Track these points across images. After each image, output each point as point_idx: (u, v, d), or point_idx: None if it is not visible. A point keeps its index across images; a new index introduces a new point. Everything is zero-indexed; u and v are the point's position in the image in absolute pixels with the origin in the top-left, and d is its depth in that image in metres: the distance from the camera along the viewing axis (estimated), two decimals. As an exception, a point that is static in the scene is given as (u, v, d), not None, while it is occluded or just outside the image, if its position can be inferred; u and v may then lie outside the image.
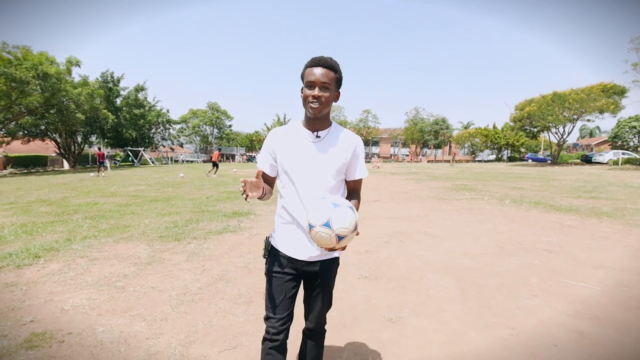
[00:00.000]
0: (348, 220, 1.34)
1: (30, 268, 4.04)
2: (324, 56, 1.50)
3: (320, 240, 1.35)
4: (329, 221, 1.32)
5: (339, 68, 1.53)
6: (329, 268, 1.65)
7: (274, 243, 1.65)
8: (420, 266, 4.08)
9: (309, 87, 1.47)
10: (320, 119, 1.53)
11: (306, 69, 1.50)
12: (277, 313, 1.61)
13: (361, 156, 1.64)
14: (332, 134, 1.58)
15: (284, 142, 1.58)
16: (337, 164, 1.56)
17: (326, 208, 1.35)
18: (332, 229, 1.32)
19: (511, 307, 3.00)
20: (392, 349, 2.39)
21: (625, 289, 3.36)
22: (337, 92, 1.55)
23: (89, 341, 2.49)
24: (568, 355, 2.29)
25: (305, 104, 1.49)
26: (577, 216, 6.92)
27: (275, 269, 1.62)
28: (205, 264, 4.16)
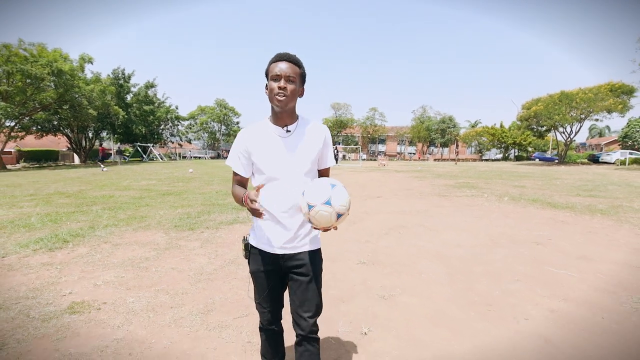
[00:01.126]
0: (345, 198, 1.43)
1: (61, 251, 4.47)
2: (288, 52, 1.55)
3: (320, 219, 1.40)
4: (330, 199, 1.39)
5: (302, 64, 1.57)
6: (313, 260, 1.66)
7: (253, 242, 1.69)
8: (415, 255, 4.43)
9: (274, 80, 1.50)
10: (287, 112, 1.56)
11: (270, 64, 1.53)
12: (266, 309, 1.71)
13: (330, 145, 1.70)
14: (300, 126, 1.61)
15: (255, 141, 1.59)
16: (310, 155, 1.60)
17: (325, 188, 1.42)
18: (332, 206, 1.39)
19: (493, 289, 3.35)
20: (384, 321, 2.75)
21: (601, 276, 3.68)
22: (301, 88, 1.59)
23: (122, 309, 2.89)
24: (537, 325, 2.63)
25: (272, 97, 1.51)
26: (571, 213, 7.20)
27: (258, 267, 1.66)
28: (218, 249, 4.55)
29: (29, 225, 5.79)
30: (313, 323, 1.65)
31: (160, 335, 2.50)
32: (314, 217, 1.41)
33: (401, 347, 2.38)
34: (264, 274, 1.66)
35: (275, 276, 1.67)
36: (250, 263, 1.70)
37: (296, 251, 1.63)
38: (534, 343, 2.41)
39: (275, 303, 1.72)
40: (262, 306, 1.72)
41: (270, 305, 1.71)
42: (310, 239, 1.66)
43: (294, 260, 1.63)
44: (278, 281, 1.69)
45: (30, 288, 3.29)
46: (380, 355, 2.28)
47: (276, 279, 1.68)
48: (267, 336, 1.80)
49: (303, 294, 1.63)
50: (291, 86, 1.50)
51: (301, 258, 1.63)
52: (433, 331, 2.58)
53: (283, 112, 1.55)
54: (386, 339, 2.47)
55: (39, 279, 3.55)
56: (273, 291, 1.69)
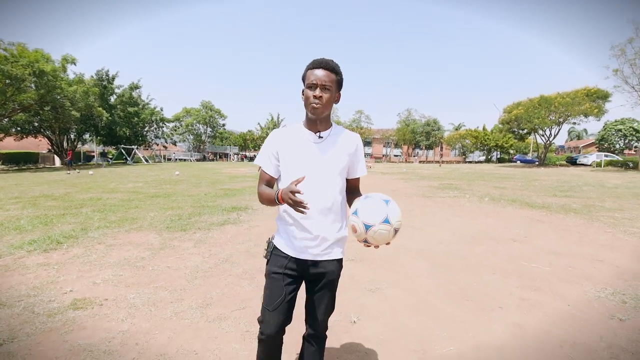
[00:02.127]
0: (399, 213, 1.43)
1: (55, 252, 4.55)
2: (325, 58, 1.53)
3: (378, 237, 1.40)
4: (388, 217, 1.38)
5: (340, 70, 1.55)
6: (334, 269, 1.64)
7: (278, 244, 1.65)
8: (400, 252, 4.68)
9: (310, 88, 1.50)
10: (321, 119, 1.56)
11: (307, 71, 1.52)
12: (275, 315, 1.59)
13: (362, 154, 1.70)
14: (333, 134, 1.61)
15: (286, 143, 1.59)
16: (340, 163, 1.60)
17: (380, 206, 1.41)
18: (391, 224, 1.38)
19: (471, 281, 3.62)
20: (371, 311, 2.98)
21: (570, 269, 4.00)
22: (337, 94, 1.58)
23: (124, 304, 3.04)
24: (510, 313, 2.90)
25: (307, 104, 1.51)
26: (547, 212, 7.60)
27: (277, 270, 1.61)
28: (211, 249, 4.71)
29: (19, 228, 5.82)
30: (326, 325, 1.70)
31: (163, 327, 2.66)
32: (372, 237, 1.39)
33: (387, 332, 2.61)
34: (282, 276, 1.60)
35: (293, 281, 1.62)
36: (270, 264, 1.64)
37: (320, 258, 1.61)
38: (507, 328, 2.67)
39: (283, 314, 1.60)
40: (271, 312, 1.59)
41: (280, 314, 1.59)
42: (336, 247, 1.64)
43: (317, 267, 1.62)
44: (292, 286, 1.62)
45: (31, 287, 3.40)
46: (369, 339, 2.51)
47: (291, 283, 1.62)
48: (266, 347, 1.67)
49: (320, 302, 1.65)
50: (327, 95, 1.49)
51: (323, 267, 1.62)
52: (416, 319, 2.82)
53: (317, 119, 1.55)
54: (373, 326, 2.70)
55: (37, 278, 3.64)
56: (286, 297, 1.60)
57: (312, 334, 1.70)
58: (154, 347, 2.39)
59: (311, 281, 1.66)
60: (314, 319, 1.67)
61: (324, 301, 1.66)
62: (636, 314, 2.85)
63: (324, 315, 1.67)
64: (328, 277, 1.64)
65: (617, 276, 3.72)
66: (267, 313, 1.60)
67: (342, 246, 1.69)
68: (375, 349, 2.40)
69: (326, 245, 1.61)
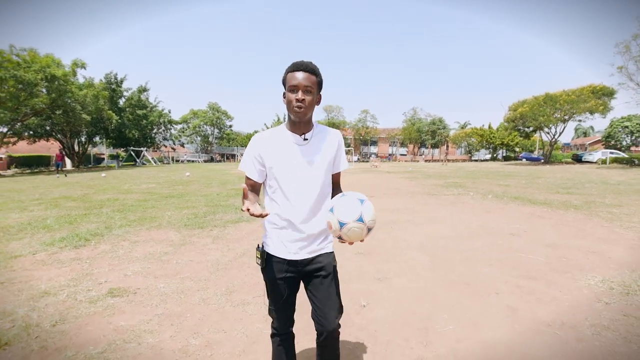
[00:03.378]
0: (373, 212, 1.48)
1: (85, 248, 4.92)
2: (304, 61, 1.54)
3: (352, 235, 1.45)
4: (362, 216, 1.43)
5: (319, 72, 1.57)
6: (330, 260, 1.71)
7: (269, 250, 1.68)
8: (404, 246, 4.98)
9: (292, 92, 1.51)
10: (305, 121, 1.58)
11: (287, 74, 1.54)
12: (280, 314, 1.73)
13: (343, 150, 1.74)
14: (317, 134, 1.64)
15: (270, 147, 1.61)
16: (326, 162, 1.65)
17: (355, 204, 1.46)
18: (364, 222, 1.43)
19: (470, 272, 3.91)
20: (378, 296, 3.29)
21: (564, 259, 4.27)
22: (318, 95, 1.60)
23: (155, 292, 3.38)
24: (505, 298, 3.19)
25: (290, 108, 1.53)
26: (548, 208, 7.84)
27: (275, 275, 1.67)
28: (229, 245, 5.05)
29: (47, 227, 6.21)
30: (337, 322, 1.68)
31: (193, 310, 3.00)
32: (345, 234, 1.44)
33: (393, 315, 2.92)
34: (282, 280, 1.67)
35: (292, 282, 1.70)
36: (267, 271, 1.69)
37: (314, 255, 1.67)
38: (501, 310, 2.97)
39: (290, 309, 1.75)
40: (278, 312, 1.73)
41: (285, 311, 1.74)
42: (326, 242, 1.72)
43: (312, 264, 1.67)
44: (294, 287, 1.72)
45: (69, 278, 3.76)
46: (377, 320, 2.82)
47: (293, 284, 1.71)
48: (280, 341, 1.77)
49: (325, 294, 1.67)
50: (309, 97, 1.52)
51: (319, 261, 1.68)
52: (419, 303, 3.13)
53: (301, 122, 1.58)
54: (381, 310, 3.01)
55: (73, 271, 4.01)
56: (289, 297, 1.72)
57: (324, 334, 1.67)
58: (187, 326, 2.73)
59: (311, 278, 1.69)
60: (322, 315, 1.66)
61: (329, 294, 1.67)
62: (621, 298, 3.12)
63: (331, 309, 1.66)
64: (326, 270, 1.68)
65: (608, 266, 3.99)
66: (274, 311, 1.73)
67: (331, 240, 1.75)
68: (383, 327, 2.71)
69: (319, 242, 1.68)
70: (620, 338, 2.46)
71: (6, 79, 23.93)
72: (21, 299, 3.19)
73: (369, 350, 2.41)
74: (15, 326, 2.69)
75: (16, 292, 3.38)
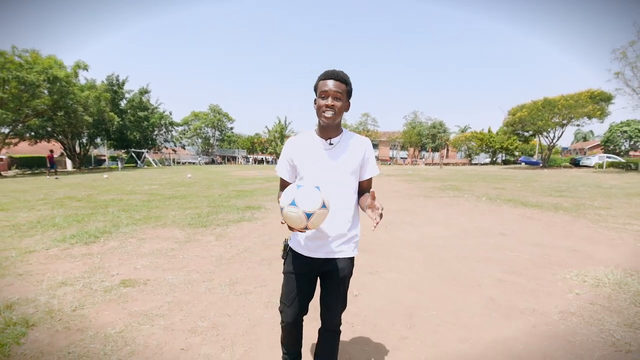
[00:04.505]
0: (313, 197, 1.49)
1: (94, 245, 5.19)
2: (335, 69, 1.65)
3: (291, 220, 1.50)
4: (294, 200, 1.47)
5: (350, 81, 1.67)
6: (345, 266, 1.77)
7: (292, 245, 1.81)
8: (399, 244, 5.26)
9: (322, 98, 1.62)
10: (332, 127, 1.67)
11: (319, 81, 1.64)
12: (291, 309, 1.81)
13: (371, 157, 1.79)
14: (343, 140, 1.72)
15: (299, 150, 1.73)
16: (349, 168, 1.71)
17: (290, 190, 1.53)
18: (297, 207, 1.47)
19: (459, 267, 4.18)
20: (370, 288, 3.57)
21: (546, 256, 4.55)
22: (347, 103, 1.69)
23: (164, 283, 3.66)
24: (486, 289, 3.46)
25: (319, 113, 1.63)
26: (539, 210, 8.12)
27: (293, 269, 1.78)
28: (231, 242, 5.33)
29: (56, 225, 6.48)
30: (339, 320, 1.85)
31: (200, 299, 3.27)
32: (285, 218, 1.52)
33: (383, 303, 3.20)
34: (297, 275, 1.78)
35: (307, 279, 1.79)
36: (286, 263, 1.82)
37: (331, 256, 1.74)
38: (481, 300, 3.24)
39: (299, 308, 1.81)
40: (287, 307, 1.82)
41: (295, 308, 1.80)
42: (347, 246, 1.77)
43: (329, 265, 1.75)
44: (308, 284, 1.80)
45: (82, 271, 4.03)
46: (368, 308, 3.10)
47: (307, 281, 1.79)
48: (288, 331, 1.91)
49: (334, 296, 1.79)
50: (338, 103, 1.61)
51: (336, 263, 1.75)
52: (408, 294, 3.40)
53: (329, 127, 1.67)
54: (372, 299, 3.29)
55: (85, 264, 4.28)
56: (301, 293, 1.78)
57: (327, 328, 1.86)
58: (195, 312, 3.00)
59: (325, 278, 1.80)
60: (327, 313, 1.82)
61: (336, 297, 1.78)
62: (591, 289, 3.40)
63: (336, 309, 1.80)
64: (340, 274, 1.76)
65: (586, 262, 4.27)
66: (284, 306, 1.83)
67: (354, 245, 1.81)
68: (373, 313, 2.99)
69: (338, 244, 1.74)
70: (583, 322, 2.74)
71: (8, 80, 24.19)
72: (41, 289, 3.46)
73: (359, 331, 2.69)
74: (38, 311, 2.96)
75: (35, 282, 3.65)
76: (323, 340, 1.89)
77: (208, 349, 2.44)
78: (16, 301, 3.13)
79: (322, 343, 1.90)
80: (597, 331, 2.61)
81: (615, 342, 2.46)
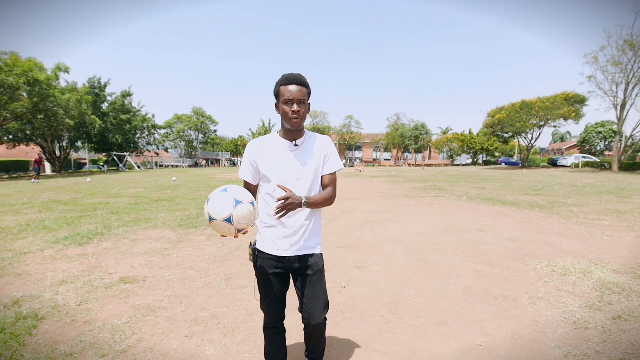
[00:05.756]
0: (248, 217, 1.53)
1: (88, 246, 5.30)
2: (293, 73, 1.67)
3: (219, 230, 1.55)
4: (231, 217, 1.48)
5: (308, 83, 1.71)
6: (317, 261, 1.83)
7: (260, 247, 1.83)
8: (383, 241, 5.54)
9: (287, 104, 1.65)
10: (298, 130, 1.74)
11: (280, 87, 1.66)
12: (272, 308, 1.88)
13: (333, 152, 1.84)
14: (307, 141, 1.79)
15: (264, 152, 1.76)
16: (314, 166, 1.77)
17: (228, 204, 1.50)
18: (232, 224, 1.50)
19: (438, 260, 4.49)
20: (357, 280, 3.83)
21: (520, 250, 4.90)
22: (308, 104, 1.75)
23: (162, 279, 3.84)
24: (464, 279, 3.77)
25: (287, 119, 1.66)
26: (515, 208, 8.56)
27: (265, 270, 1.82)
28: (223, 241, 5.51)
29: (47, 228, 6.53)
30: (324, 317, 1.87)
31: (198, 293, 3.47)
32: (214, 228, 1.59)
33: (369, 293, 3.46)
34: (271, 276, 1.81)
35: (281, 277, 1.83)
36: (258, 266, 1.84)
37: (302, 253, 1.79)
38: (459, 288, 3.54)
39: (280, 303, 1.89)
40: (268, 307, 1.88)
41: (275, 305, 1.88)
42: (315, 243, 1.84)
43: (300, 262, 1.80)
44: (283, 282, 1.86)
45: (81, 270, 4.16)
46: (355, 297, 3.35)
47: (282, 280, 1.85)
48: (272, 335, 1.94)
49: (311, 291, 1.81)
50: (303, 108, 1.67)
51: (307, 260, 1.80)
52: (392, 284, 3.68)
53: (295, 131, 1.74)
54: (358, 290, 3.55)
55: (82, 264, 4.41)
56: (279, 292, 1.85)
57: (310, 327, 1.89)
58: (195, 304, 3.20)
59: (297, 276, 1.84)
60: (308, 311, 1.83)
61: (315, 294, 1.81)
62: (559, 278, 3.75)
63: (316, 306, 1.81)
64: (313, 269, 1.81)
65: (556, 254, 4.64)
66: (265, 305, 1.88)
67: (319, 241, 1.88)
68: (360, 302, 3.25)
69: (306, 242, 1.79)
70: (550, 305, 3.07)
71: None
72: (43, 286, 3.59)
73: (347, 317, 2.94)
74: (45, 306, 3.11)
75: (35, 281, 3.78)
76: (311, 338, 1.99)
77: (211, 335, 2.65)
78: (21, 298, 3.27)
79: (310, 340, 2.01)
80: (561, 312, 2.94)
81: (576, 322, 2.78)
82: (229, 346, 2.51)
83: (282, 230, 1.76)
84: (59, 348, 2.42)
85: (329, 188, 1.82)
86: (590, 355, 2.28)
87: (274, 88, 1.70)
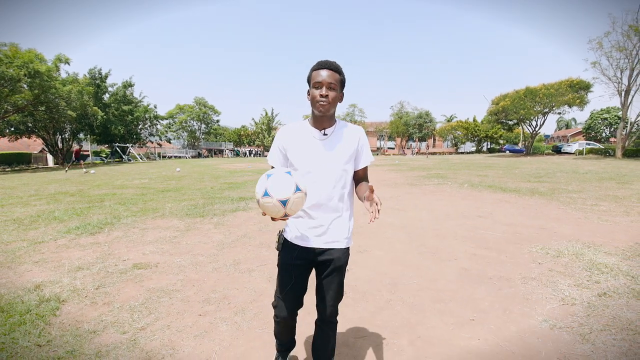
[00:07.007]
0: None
1: (99, 235, 5.49)
2: (328, 60, 1.62)
3: (268, 210, 1.47)
4: (287, 201, 1.45)
5: (343, 70, 1.65)
6: (340, 256, 1.75)
7: (287, 236, 1.78)
8: (385, 227, 5.71)
9: (316, 88, 1.60)
10: (327, 117, 1.65)
11: (312, 72, 1.62)
12: (287, 302, 1.78)
13: (365, 145, 1.76)
14: (337, 130, 1.71)
15: (293, 139, 1.71)
16: (343, 158, 1.69)
17: (290, 187, 1.46)
18: (285, 208, 1.45)
19: (438, 244, 4.66)
20: (360, 263, 4.00)
21: (518, 234, 5.06)
22: (341, 93, 1.67)
23: (174, 265, 4.03)
24: (461, 261, 3.94)
25: (314, 103, 1.61)
26: (516, 195, 8.69)
27: (288, 260, 1.76)
28: (229, 229, 5.70)
29: (57, 218, 6.73)
30: (335, 310, 1.83)
31: (208, 277, 3.66)
32: (263, 210, 1.49)
33: (371, 275, 3.64)
34: (292, 267, 1.75)
35: (302, 270, 1.77)
36: (281, 255, 1.80)
37: (328, 247, 1.73)
38: (456, 270, 3.71)
39: (295, 301, 1.80)
40: (282, 300, 1.80)
41: (290, 301, 1.78)
42: (342, 237, 1.76)
43: (324, 255, 1.73)
44: (304, 276, 1.79)
45: (95, 257, 4.36)
46: (357, 279, 3.53)
47: (303, 273, 1.78)
48: (281, 327, 1.93)
49: (329, 286, 1.77)
50: (332, 93, 1.60)
51: (332, 254, 1.73)
52: (393, 267, 3.85)
53: (323, 117, 1.65)
54: (361, 272, 3.72)
55: (95, 252, 4.60)
56: (297, 286, 1.77)
57: (323, 319, 1.85)
58: (206, 287, 3.39)
59: (320, 268, 1.77)
60: (323, 304, 1.80)
61: (332, 287, 1.77)
62: (552, 259, 3.91)
63: (333, 300, 1.78)
64: (335, 264, 1.75)
65: (551, 238, 4.79)
66: (279, 299, 1.81)
67: (349, 234, 1.80)
68: (362, 283, 3.43)
69: (333, 234, 1.73)
70: (541, 284, 3.24)
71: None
72: (61, 272, 3.79)
73: (350, 297, 3.12)
74: (64, 290, 3.30)
75: (52, 268, 3.97)
76: (320, 332, 1.89)
77: (222, 314, 2.84)
78: (42, 283, 3.46)
79: (319, 334, 1.90)
80: (551, 290, 3.10)
81: (564, 298, 2.94)
82: (240, 323, 2.69)
83: (308, 221, 1.73)
84: (83, 326, 2.62)
85: (364, 182, 1.79)
86: (574, 327, 2.45)
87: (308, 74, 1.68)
